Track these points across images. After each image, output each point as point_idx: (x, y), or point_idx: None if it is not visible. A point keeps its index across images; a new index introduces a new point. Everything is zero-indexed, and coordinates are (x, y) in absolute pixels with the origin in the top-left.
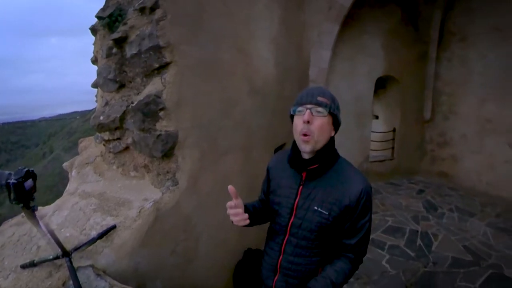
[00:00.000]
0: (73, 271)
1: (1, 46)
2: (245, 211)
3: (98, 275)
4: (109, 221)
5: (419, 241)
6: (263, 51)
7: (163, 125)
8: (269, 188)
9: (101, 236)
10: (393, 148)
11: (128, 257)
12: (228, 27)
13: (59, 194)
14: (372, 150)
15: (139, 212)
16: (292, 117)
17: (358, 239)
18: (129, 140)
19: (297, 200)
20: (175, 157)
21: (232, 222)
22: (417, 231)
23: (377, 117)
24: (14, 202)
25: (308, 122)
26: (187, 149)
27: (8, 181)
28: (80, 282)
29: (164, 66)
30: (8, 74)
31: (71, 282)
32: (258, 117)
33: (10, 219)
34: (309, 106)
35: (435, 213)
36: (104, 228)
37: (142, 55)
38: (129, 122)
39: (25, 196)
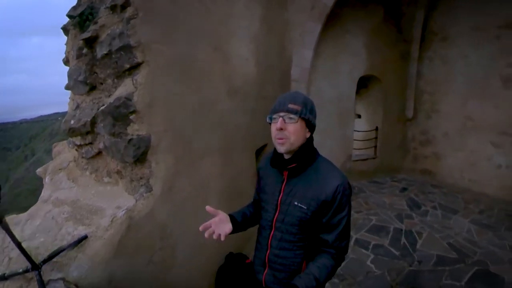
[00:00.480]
0: (41, 285)
1: None
2: (232, 222)
3: None
4: (81, 231)
5: (403, 240)
6: (243, 50)
7: (134, 129)
8: (260, 186)
9: (72, 246)
10: (375, 146)
11: (102, 267)
12: (205, 26)
13: None
14: (355, 149)
15: (111, 221)
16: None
17: (336, 234)
18: (101, 145)
19: (280, 196)
20: (148, 163)
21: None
22: (401, 230)
23: (359, 116)
24: None
25: (281, 129)
26: (161, 154)
27: None
28: None
29: (135, 67)
30: None
31: None
32: (238, 118)
33: None
34: (281, 114)
35: (418, 211)
36: (76, 238)
37: (113, 56)
38: (100, 126)
39: None
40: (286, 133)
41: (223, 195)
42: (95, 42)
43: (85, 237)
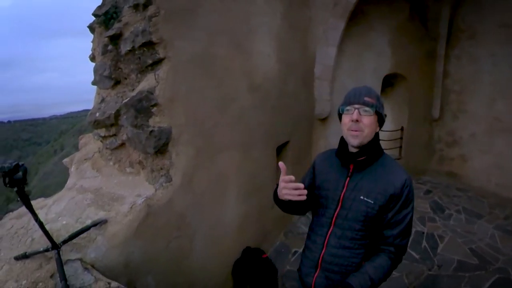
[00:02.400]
0: (60, 264)
1: (15, 46)
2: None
3: (85, 268)
4: (102, 216)
5: (424, 243)
6: (264, 47)
7: (156, 121)
8: (314, 183)
9: (91, 228)
10: (400, 147)
11: (119, 250)
12: (226, 23)
13: None
14: None
15: (131, 208)
16: (340, 115)
17: (399, 230)
18: (124, 137)
19: (343, 192)
20: (169, 154)
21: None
22: (423, 233)
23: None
24: (8, 186)
25: (357, 120)
26: (181, 146)
27: (3, 165)
28: (67, 275)
29: (157, 62)
30: (21, 73)
31: (58, 274)
32: (258, 114)
33: (11, 212)
34: (356, 106)
35: (442, 214)
36: (96, 221)
37: (136, 52)
38: (123, 119)
39: (18, 180)
40: (361, 125)
41: (242, 190)
42: (119, 39)
43: (104, 221)
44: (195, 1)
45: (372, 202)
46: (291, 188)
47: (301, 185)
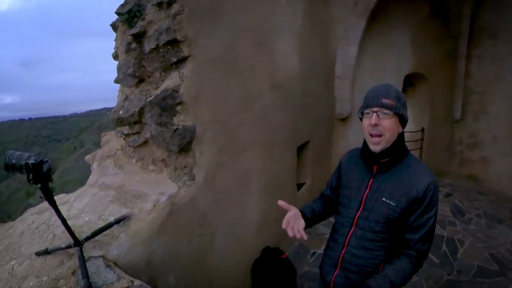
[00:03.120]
0: (82, 261)
1: (38, 47)
2: (304, 217)
3: (108, 266)
4: (124, 213)
5: (444, 247)
6: (286, 46)
7: (180, 120)
8: (339, 182)
9: (114, 224)
10: (421, 148)
11: (142, 248)
12: (248, 22)
13: None
14: None
15: (154, 205)
16: (361, 118)
17: (421, 234)
18: (148, 135)
19: (366, 193)
20: (193, 152)
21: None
22: (443, 237)
23: None
24: (32, 182)
25: (376, 125)
26: (205, 144)
27: (28, 161)
28: (90, 272)
29: (181, 61)
30: (43, 72)
31: (80, 271)
32: (280, 113)
33: (32, 208)
34: (375, 109)
35: (462, 218)
36: (119, 218)
37: (160, 50)
38: (147, 117)
39: (43, 177)
40: (381, 129)
41: (263, 189)
42: (143, 37)
43: (127, 217)
44: (218, 0)
45: (394, 204)
46: (289, 229)
47: (287, 222)
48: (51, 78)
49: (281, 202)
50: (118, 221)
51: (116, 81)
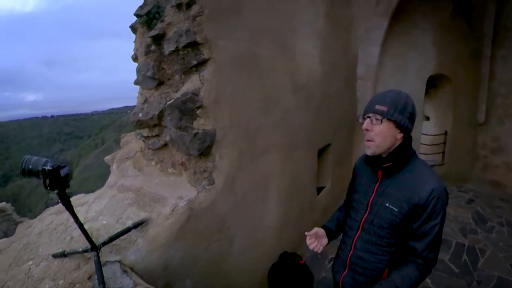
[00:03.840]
0: (98, 266)
1: (62, 47)
2: (328, 232)
3: (124, 271)
4: (143, 217)
5: (464, 257)
6: (308, 47)
7: (200, 124)
8: (353, 186)
9: (131, 229)
10: (443, 152)
11: (159, 253)
12: (269, 22)
13: None
14: (421, 153)
15: (172, 210)
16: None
17: (426, 243)
18: (167, 138)
19: (372, 197)
20: (212, 156)
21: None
22: (464, 245)
23: (428, 119)
24: (48, 188)
25: (368, 129)
26: (225, 148)
27: (44, 167)
28: (106, 278)
29: (202, 63)
30: (66, 72)
31: (96, 276)
32: (301, 116)
33: (51, 207)
34: (370, 114)
35: (484, 226)
36: (136, 222)
37: (180, 52)
38: (167, 120)
39: (60, 182)
40: (372, 135)
41: (282, 193)
42: (163, 39)
43: (146, 222)
44: (239, 0)
45: (397, 210)
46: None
47: (313, 234)
48: (74, 77)
49: (308, 234)
50: (136, 226)
51: (136, 83)
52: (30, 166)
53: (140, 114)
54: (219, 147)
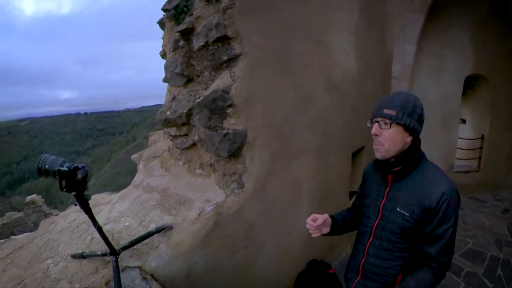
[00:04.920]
0: (117, 273)
1: (97, 47)
2: (333, 223)
3: (144, 278)
4: (167, 220)
5: (499, 271)
6: (343, 44)
7: (230, 123)
8: (363, 191)
9: (155, 234)
10: (480, 158)
11: (182, 261)
12: (303, 16)
13: None
14: (457, 158)
15: (199, 215)
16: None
17: (439, 247)
18: (196, 137)
19: (383, 202)
20: (243, 158)
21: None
22: (499, 259)
23: (464, 122)
24: (64, 190)
25: (376, 135)
26: (256, 150)
27: (61, 167)
28: (124, 285)
29: (233, 59)
30: (100, 70)
31: (113, 283)
32: (336, 117)
33: (74, 205)
34: (378, 119)
35: None
36: (160, 227)
37: (210, 47)
38: (195, 119)
39: (77, 185)
40: (381, 139)
41: (315, 198)
42: (191, 34)
43: (170, 228)
44: None
45: (408, 214)
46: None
47: (316, 218)
48: (108, 76)
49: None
50: (158, 231)
51: (164, 80)
52: (47, 166)
53: (168, 112)
54: (250, 149)
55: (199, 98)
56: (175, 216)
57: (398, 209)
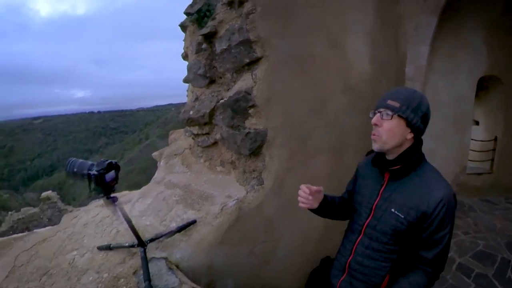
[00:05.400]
0: (145, 263)
1: (110, 47)
2: (323, 201)
3: (170, 269)
4: (190, 215)
5: (509, 273)
6: (358, 46)
7: (252, 123)
8: (354, 187)
9: (180, 229)
10: (492, 160)
11: (205, 253)
12: (321, 20)
13: (151, 175)
14: (470, 160)
15: (221, 209)
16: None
17: (436, 252)
18: (218, 136)
19: (377, 201)
20: (263, 156)
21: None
22: (509, 261)
23: (477, 123)
24: (93, 192)
25: (376, 125)
26: (276, 149)
27: (89, 172)
28: (151, 274)
29: (254, 61)
30: (114, 70)
31: (141, 272)
32: (352, 117)
33: (97, 199)
34: (381, 109)
35: None
36: (184, 221)
37: (232, 50)
38: (218, 118)
39: (105, 187)
40: (380, 130)
41: None
42: (214, 37)
43: (194, 222)
44: None
45: (403, 216)
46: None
47: (309, 189)
48: (121, 75)
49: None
50: (180, 230)
51: (186, 81)
52: (75, 169)
53: (191, 112)
54: (270, 147)
55: (222, 99)
56: (198, 211)
57: (392, 210)
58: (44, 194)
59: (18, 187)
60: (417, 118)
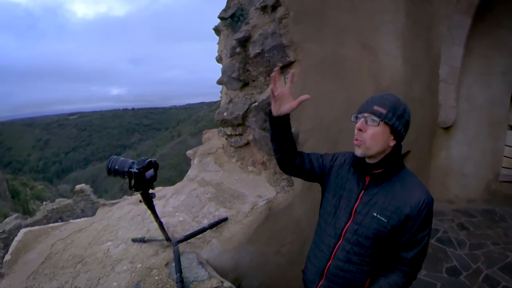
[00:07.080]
0: (177, 255)
1: (147, 47)
2: (283, 119)
3: (200, 262)
4: (222, 212)
5: None
6: (390, 47)
7: None
8: (328, 184)
9: (211, 226)
10: None
11: (234, 250)
12: (352, 22)
13: (181, 172)
14: (503, 167)
15: (252, 208)
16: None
17: (415, 252)
18: (250, 137)
19: (356, 205)
20: None
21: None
22: None
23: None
24: (133, 189)
25: (361, 130)
26: (306, 151)
27: (130, 169)
28: (182, 267)
29: (287, 65)
30: (149, 69)
31: (173, 264)
32: None
33: (129, 197)
34: (365, 114)
35: None
36: (216, 218)
37: (265, 54)
38: (251, 120)
39: (144, 184)
40: (364, 136)
41: None
42: (248, 42)
43: (225, 219)
44: (322, 0)
45: (386, 221)
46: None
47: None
48: (157, 74)
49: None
50: (211, 226)
51: (220, 83)
52: (116, 167)
53: (225, 113)
54: (301, 150)
55: (255, 101)
56: (230, 209)
57: (374, 214)
58: (78, 186)
59: (52, 179)
60: (401, 125)
